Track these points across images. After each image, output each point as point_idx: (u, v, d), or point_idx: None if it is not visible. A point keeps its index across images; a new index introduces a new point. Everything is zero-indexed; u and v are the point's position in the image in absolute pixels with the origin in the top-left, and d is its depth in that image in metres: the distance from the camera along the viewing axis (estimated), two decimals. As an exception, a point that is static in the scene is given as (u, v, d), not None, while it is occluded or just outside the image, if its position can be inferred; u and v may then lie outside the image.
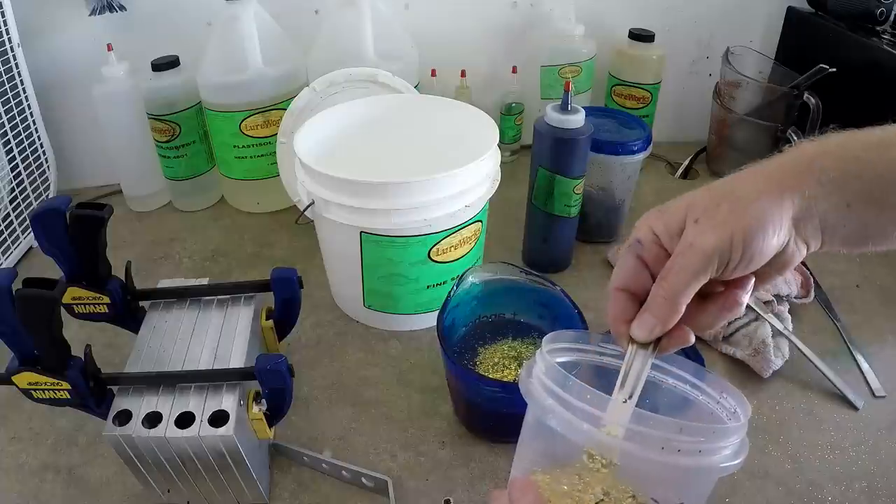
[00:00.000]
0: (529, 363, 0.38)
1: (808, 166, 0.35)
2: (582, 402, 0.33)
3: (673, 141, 1.13)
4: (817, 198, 0.34)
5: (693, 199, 0.36)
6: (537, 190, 0.77)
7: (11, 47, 0.83)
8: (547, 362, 0.36)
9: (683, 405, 0.39)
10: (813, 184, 0.34)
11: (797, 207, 0.34)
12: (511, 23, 1.03)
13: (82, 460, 0.60)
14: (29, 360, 0.48)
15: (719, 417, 0.37)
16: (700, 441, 0.32)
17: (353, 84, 0.82)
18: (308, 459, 0.58)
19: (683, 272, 0.34)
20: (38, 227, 0.51)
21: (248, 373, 0.51)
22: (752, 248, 0.33)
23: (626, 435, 0.32)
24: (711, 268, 0.34)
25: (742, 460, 0.33)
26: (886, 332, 0.74)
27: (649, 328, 0.35)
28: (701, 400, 0.39)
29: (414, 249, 0.67)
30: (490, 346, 0.65)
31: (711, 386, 0.38)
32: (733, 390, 0.37)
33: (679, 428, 0.32)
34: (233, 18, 0.82)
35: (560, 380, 0.34)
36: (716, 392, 0.38)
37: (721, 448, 0.33)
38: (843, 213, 0.34)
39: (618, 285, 0.37)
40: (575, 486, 0.36)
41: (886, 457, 0.59)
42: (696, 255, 0.34)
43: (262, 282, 0.60)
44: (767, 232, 0.33)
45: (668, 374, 0.40)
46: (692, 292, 0.34)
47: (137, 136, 0.91)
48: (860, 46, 0.88)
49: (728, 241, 0.33)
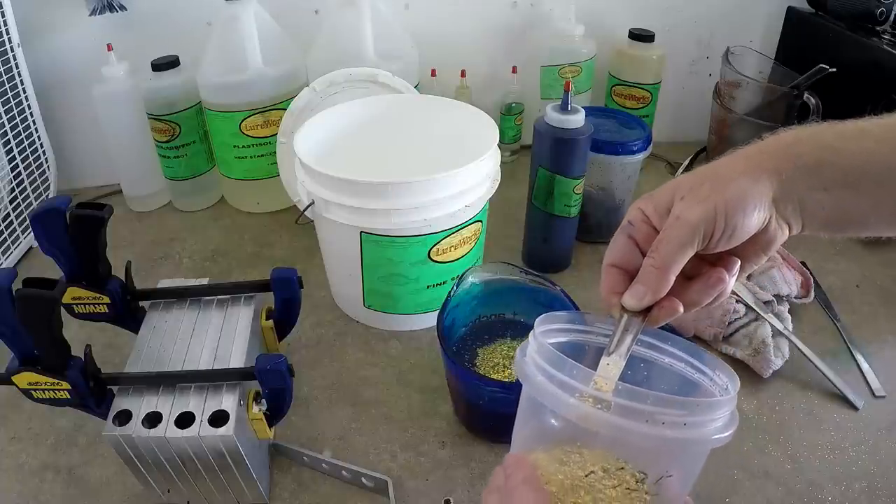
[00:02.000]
0: (524, 344, 0.39)
1: (786, 151, 0.37)
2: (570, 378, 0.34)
3: (673, 141, 1.13)
4: (794, 180, 0.36)
5: (679, 181, 0.39)
6: (537, 190, 0.77)
7: (11, 47, 0.83)
8: (539, 342, 0.37)
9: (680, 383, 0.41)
10: (790, 168, 0.36)
11: (775, 188, 0.36)
12: (511, 23, 1.03)
13: (82, 460, 0.60)
14: (29, 360, 0.48)
15: (712, 393, 0.39)
16: (684, 414, 0.33)
17: (353, 84, 0.82)
18: (308, 459, 0.58)
19: (672, 243, 0.36)
20: (38, 227, 0.51)
21: (248, 373, 0.51)
22: (734, 221, 0.36)
23: (612, 409, 0.33)
24: (697, 238, 0.36)
25: (731, 433, 0.34)
26: (886, 332, 0.74)
27: (640, 296, 0.37)
28: (696, 378, 0.40)
29: (414, 249, 0.67)
30: (490, 346, 0.65)
31: (706, 363, 0.40)
32: (724, 366, 0.39)
33: (664, 401, 0.33)
34: (233, 18, 0.82)
35: (550, 358, 0.36)
36: (710, 369, 0.39)
37: (708, 421, 0.34)
38: (821, 196, 0.36)
39: (610, 262, 0.40)
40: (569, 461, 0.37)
41: (886, 457, 0.59)
42: (683, 226, 0.36)
43: (262, 282, 0.60)
44: (748, 207, 0.36)
45: (664, 353, 0.41)
46: (681, 262, 0.37)
47: (137, 136, 0.91)
48: (860, 46, 0.88)
49: (712, 214, 0.36)
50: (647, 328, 0.38)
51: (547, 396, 0.35)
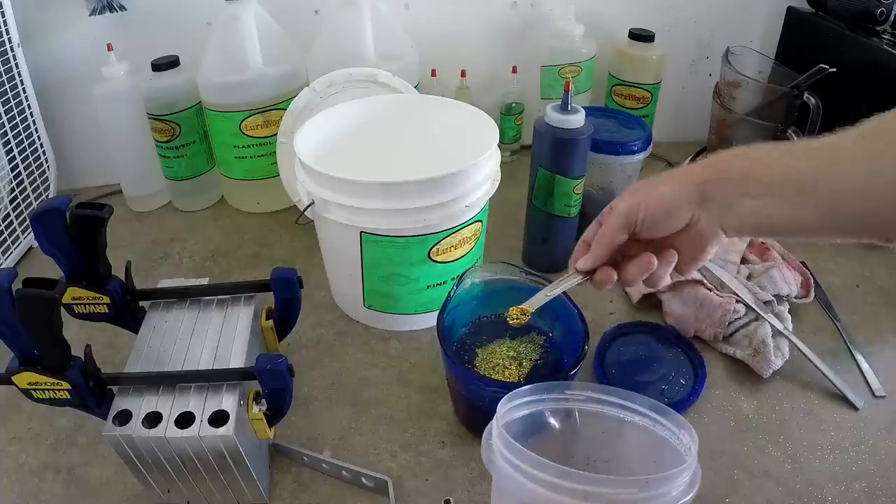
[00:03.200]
0: (488, 428, 0.44)
1: (714, 165, 0.46)
2: (525, 464, 0.39)
3: (673, 141, 1.13)
4: (719, 186, 0.44)
5: (627, 188, 0.49)
6: (537, 190, 0.77)
7: (11, 47, 0.83)
8: (497, 429, 0.42)
9: (649, 440, 0.45)
10: (715, 177, 0.45)
11: (699, 191, 0.45)
12: (511, 23, 1.03)
13: (82, 460, 0.60)
14: (29, 360, 0.48)
15: (678, 451, 0.43)
16: (637, 493, 0.37)
17: (353, 84, 0.82)
18: (308, 459, 0.58)
19: (608, 226, 0.48)
20: (38, 227, 0.51)
21: (248, 373, 0.51)
22: (653, 212, 0.46)
23: (574, 494, 0.37)
24: (625, 223, 0.47)
25: (693, 494, 0.38)
26: (886, 332, 0.74)
27: (586, 261, 0.50)
28: (663, 435, 0.45)
29: (414, 249, 0.67)
30: (490, 346, 0.65)
31: (672, 421, 0.45)
32: (687, 425, 0.44)
33: (621, 483, 0.37)
34: (233, 18, 0.82)
35: (509, 445, 0.40)
36: (675, 427, 0.44)
37: (665, 493, 0.37)
38: (749, 202, 0.43)
39: (582, 239, 0.52)
40: None
41: (886, 457, 0.59)
42: (615, 214, 0.48)
43: (262, 282, 0.60)
44: (666, 203, 0.46)
45: (635, 413, 0.46)
46: (616, 240, 0.48)
47: (137, 136, 0.91)
48: (860, 46, 0.88)
49: (636, 206, 0.46)
50: (612, 389, 0.47)
51: (509, 482, 0.40)
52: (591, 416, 0.48)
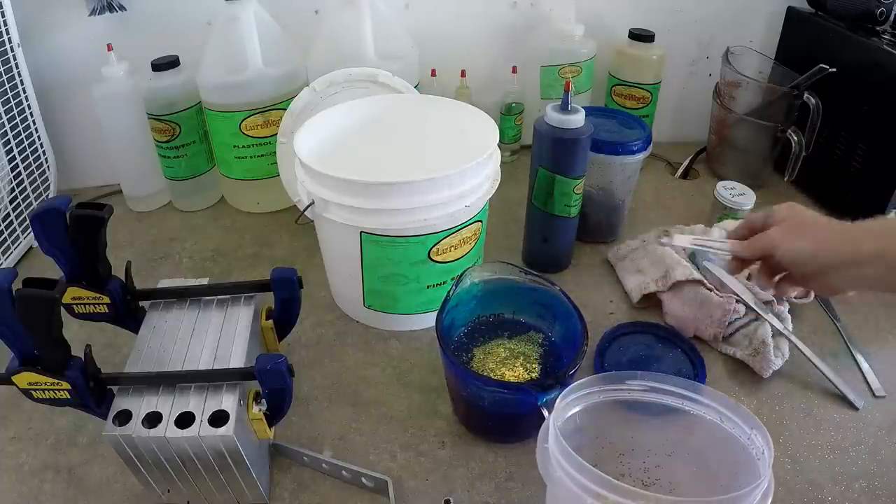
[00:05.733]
0: (544, 429, 0.42)
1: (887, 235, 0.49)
2: (586, 478, 0.37)
3: (673, 141, 1.13)
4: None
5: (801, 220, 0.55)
6: (537, 190, 0.77)
7: (11, 47, 0.84)
8: (554, 432, 0.40)
9: (716, 436, 0.43)
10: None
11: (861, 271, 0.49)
12: (511, 23, 1.03)
13: (82, 460, 0.60)
14: (29, 360, 0.48)
15: (750, 455, 0.42)
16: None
17: (353, 84, 0.82)
18: (308, 459, 0.58)
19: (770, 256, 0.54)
20: (38, 227, 0.51)
21: (248, 373, 0.51)
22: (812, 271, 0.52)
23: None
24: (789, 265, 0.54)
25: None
26: (886, 332, 0.74)
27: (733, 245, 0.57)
28: (732, 432, 0.43)
29: (414, 249, 0.67)
30: (489, 345, 0.65)
31: (742, 418, 0.43)
32: (759, 424, 0.42)
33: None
34: (233, 18, 0.82)
35: (565, 454, 0.38)
36: (746, 426, 0.43)
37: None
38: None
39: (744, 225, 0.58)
40: None
41: (886, 457, 0.59)
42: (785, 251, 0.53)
43: (262, 282, 0.60)
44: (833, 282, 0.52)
45: (701, 406, 0.45)
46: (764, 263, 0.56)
47: (137, 136, 0.91)
48: (860, 46, 0.88)
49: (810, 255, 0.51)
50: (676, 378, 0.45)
51: (567, 493, 0.37)
52: (652, 408, 0.45)
